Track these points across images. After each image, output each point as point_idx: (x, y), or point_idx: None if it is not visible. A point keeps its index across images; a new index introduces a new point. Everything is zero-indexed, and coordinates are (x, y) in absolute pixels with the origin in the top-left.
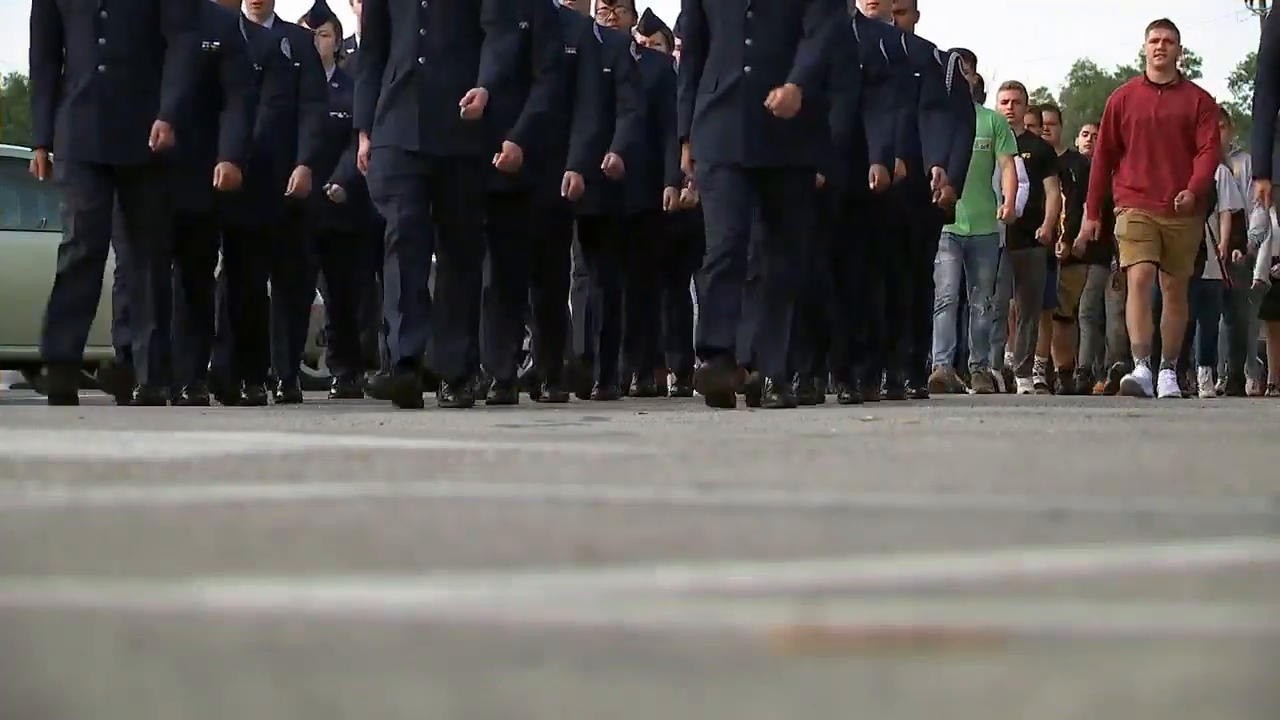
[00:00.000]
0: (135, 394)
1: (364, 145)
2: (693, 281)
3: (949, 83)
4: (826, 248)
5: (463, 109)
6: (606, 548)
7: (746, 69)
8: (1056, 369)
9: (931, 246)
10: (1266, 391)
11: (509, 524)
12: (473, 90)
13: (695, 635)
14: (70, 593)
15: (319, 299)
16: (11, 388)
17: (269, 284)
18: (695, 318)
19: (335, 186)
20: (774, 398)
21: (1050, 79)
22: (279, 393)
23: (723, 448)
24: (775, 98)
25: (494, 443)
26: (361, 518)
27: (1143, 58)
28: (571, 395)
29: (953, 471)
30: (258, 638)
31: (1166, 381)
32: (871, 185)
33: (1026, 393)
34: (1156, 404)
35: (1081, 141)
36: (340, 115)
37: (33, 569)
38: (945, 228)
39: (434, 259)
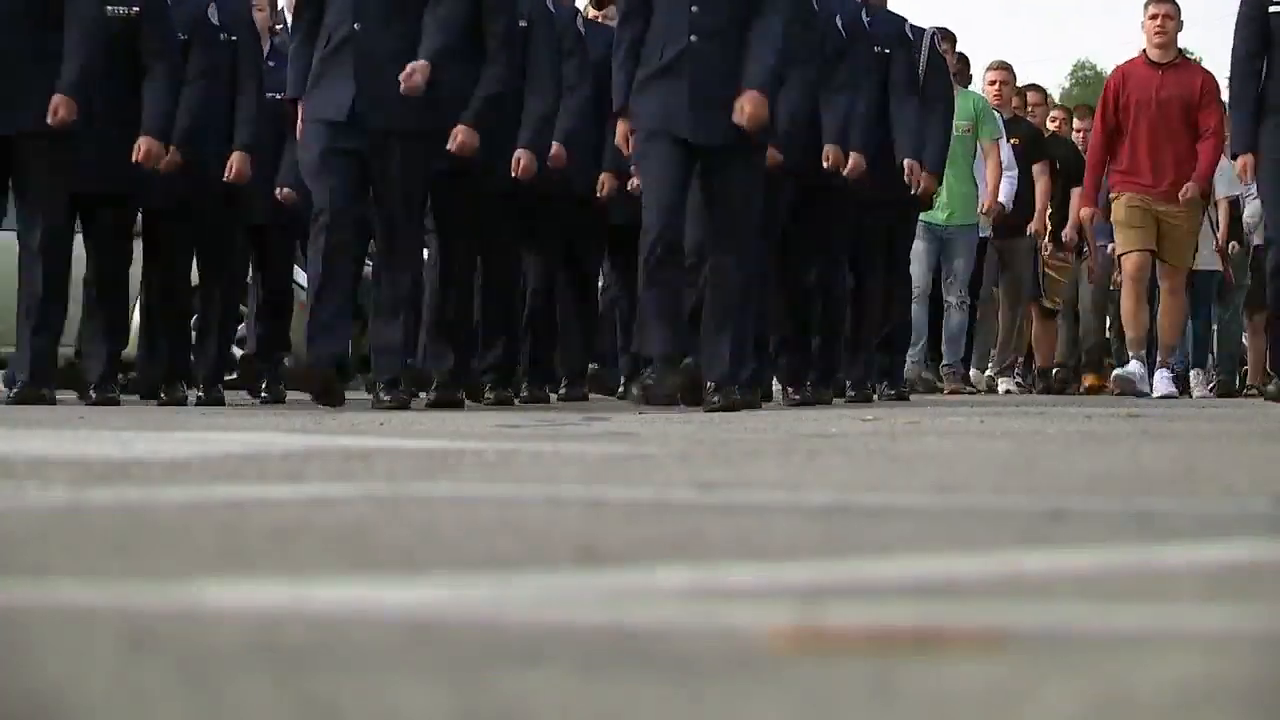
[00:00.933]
0: (13, 393)
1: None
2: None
3: (924, 62)
4: (774, 242)
5: (402, 84)
6: (606, 548)
7: (692, 38)
8: (1036, 367)
9: (903, 237)
10: (1246, 392)
11: (509, 524)
12: (413, 65)
13: (695, 635)
14: (70, 593)
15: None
16: None
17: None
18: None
19: (286, 190)
20: (715, 399)
21: (1050, 79)
22: (200, 393)
23: (723, 448)
24: (744, 112)
25: (494, 443)
26: (361, 518)
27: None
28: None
29: (953, 471)
30: (258, 638)
31: (1163, 383)
32: (825, 164)
33: (1008, 391)
34: (1156, 404)
35: (1050, 127)
36: (277, 96)
37: (33, 569)
38: (921, 215)
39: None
